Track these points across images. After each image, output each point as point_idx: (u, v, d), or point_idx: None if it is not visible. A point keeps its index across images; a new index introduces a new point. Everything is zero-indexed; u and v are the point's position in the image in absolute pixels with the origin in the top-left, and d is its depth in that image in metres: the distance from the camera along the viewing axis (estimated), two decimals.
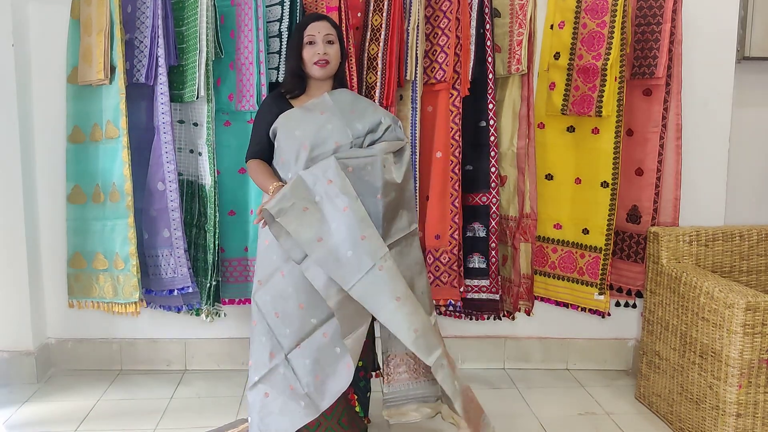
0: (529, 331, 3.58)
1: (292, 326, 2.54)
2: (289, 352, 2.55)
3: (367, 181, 2.53)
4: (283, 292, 2.56)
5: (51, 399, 3.20)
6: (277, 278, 2.57)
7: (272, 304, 2.57)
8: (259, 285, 2.62)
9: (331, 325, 2.52)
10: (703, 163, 3.34)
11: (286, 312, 2.55)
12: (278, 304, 2.56)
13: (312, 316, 2.52)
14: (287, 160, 2.61)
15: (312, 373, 2.52)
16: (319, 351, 2.52)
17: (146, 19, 3.05)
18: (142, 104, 3.16)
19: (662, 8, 3.12)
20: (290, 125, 2.63)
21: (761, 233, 3.15)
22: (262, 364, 2.59)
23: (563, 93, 3.21)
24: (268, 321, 2.58)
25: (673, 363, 2.96)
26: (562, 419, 3.06)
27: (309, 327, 2.53)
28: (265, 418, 2.57)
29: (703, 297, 2.75)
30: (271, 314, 2.57)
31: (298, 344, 2.54)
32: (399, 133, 2.71)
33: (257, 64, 3.05)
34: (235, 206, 3.23)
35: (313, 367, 2.52)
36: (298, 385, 2.54)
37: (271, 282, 2.58)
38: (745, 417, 2.63)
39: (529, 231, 3.34)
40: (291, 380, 2.55)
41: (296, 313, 2.53)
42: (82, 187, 3.24)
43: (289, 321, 2.54)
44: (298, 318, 2.53)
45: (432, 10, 3.16)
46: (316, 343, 2.52)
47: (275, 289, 2.57)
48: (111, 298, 3.21)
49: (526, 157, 3.30)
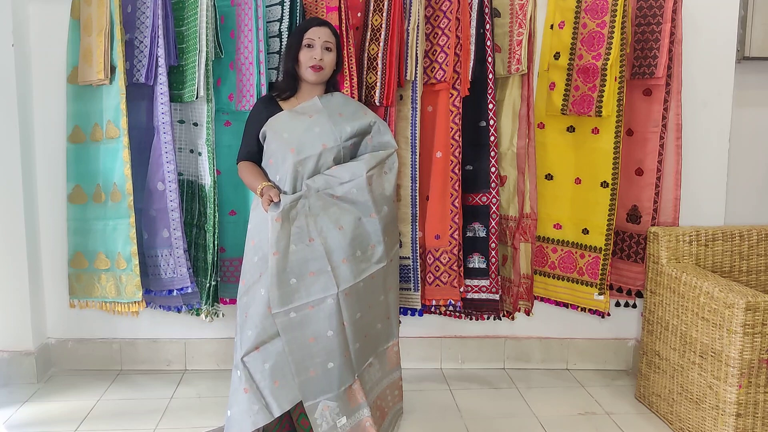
0: (529, 331, 3.58)
1: (254, 328, 2.53)
2: (246, 355, 2.53)
3: (358, 202, 2.57)
4: (255, 294, 2.57)
5: (51, 399, 3.20)
6: (255, 281, 2.59)
7: (245, 305, 2.59)
8: (243, 286, 2.63)
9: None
10: (703, 163, 3.34)
11: (252, 314, 2.55)
12: (249, 305, 2.57)
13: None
14: (276, 162, 2.65)
15: (271, 377, 2.52)
16: (279, 356, 2.52)
17: (146, 19, 3.05)
18: (142, 104, 3.16)
19: (662, 8, 3.12)
20: (278, 128, 2.67)
21: (761, 233, 3.15)
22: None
23: (563, 93, 3.21)
24: (238, 321, 2.60)
25: (673, 363, 2.96)
26: (562, 419, 3.06)
27: (272, 331, 2.52)
28: (231, 418, 2.58)
29: (703, 297, 2.75)
30: (242, 314, 2.59)
31: (258, 347, 2.53)
32: (387, 137, 2.75)
33: (257, 64, 3.05)
34: (235, 206, 3.23)
35: (271, 372, 2.52)
36: (254, 387, 2.52)
37: (252, 285, 2.60)
38: (745, 417, 2.63)
39: (529, 231, 3.34)
40: (245, 383, 2.53)
41: (262, 315, 2.52)
42: (82, 187, 3.24)
43: (252, 323, 2.54)
44: (262, 321, 2.52)
45: (432, 10, 3.16)
46: (277, 348, 2.52)
47: (252, 291, 2.59)
48: (113, 298, 3.21)
49: (526, 157, 3.30)
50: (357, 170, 2.62)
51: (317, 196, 2.56)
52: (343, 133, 2.66)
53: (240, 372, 2.54)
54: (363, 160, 2.66)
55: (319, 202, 2.56)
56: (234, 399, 2.57)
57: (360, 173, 2.61)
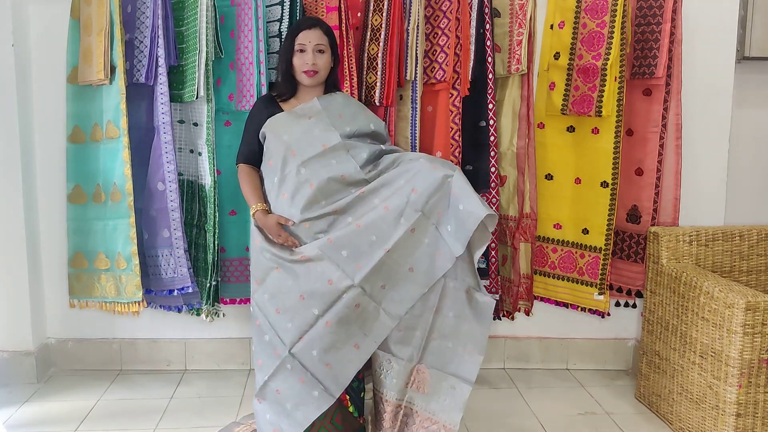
0: (529, 331, 3.58)
1: (293, 320, 2.54)
2: (292, 347, 2.54)
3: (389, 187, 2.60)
4: (281, 287, 2.57)
5: (51, 399, 3.20)
6: (273, 276, 2.59)
7: (271, 302, 2.58)
8: (257, 285, 2.63)
9: (332, 313, 2.52)
10: (703, 163, 3.34)
11: (286, 306, 2.55)
12: (278, 300, 2.57)
13: (313, 306, 2.52)
14: (275, 164, 2.65)
15: (321, 362, 2.53)
16: (324, 340, 2.53)
17: (146, 19, 3.05)
18: (142, 104, 3.16)
19: (662, 8, 3.12)
20: (278, 130, 2.67)
21: (761, 233, 3.15)
22: (268, 363, 2.59)
23: (563, 93, 3.21)
24: (270, 319, 2.58)
25: (673, 363, 2.96)
26: (562, 419, 3.06)
27: (311, 318, 2.53)
28: (276, 422, 2.58)
29: (703, 297, 2.75)
30: (272, 312, 2.58)
31: (301, 337, 2.53)
32: (385, 138, 2.78)
33: (257, 64, 3.05)
34: (235, 206, 3.23)
35: (321, 356, 2.53)
36: (308, 376, 2.54)
37: (267, 280, 2.60)
38: (745, 417, 2.63)
39: (529, 231, 3.34)
40: (300, 373, 2.54)
41: (297, 305, 2.53)
42: (82, 187, 3.24)
43: (290, 315, 2.54)
44: (300, 310, 2.53)
45: (432, 10, 3.16)
46: (320, 332, 2.53)
47: (273, 286, 2.58)
48: (114, 298, 3.21)
49: (525, 157, 3.30)
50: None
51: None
52: (342, 133, 2.65)
53: (290, 365, 2.55)
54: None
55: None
56: (283, 395, 2.57)
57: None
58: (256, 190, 2.70)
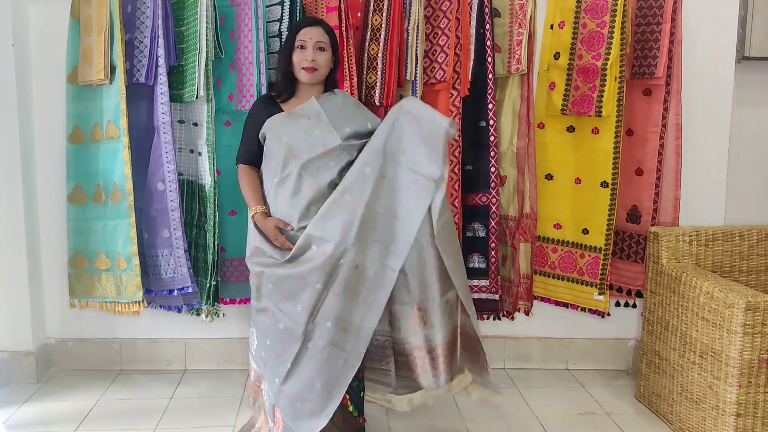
0: (529, 331, 3.58)
1: (303, 302, 2.53)
2: (307, 326, 2.53)
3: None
4: (281, 274, 2.57)
5: (51, 399, 3.20)
6: (271, 267, 2.60)
7: (276, 290, 2.58)
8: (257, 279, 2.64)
9: (337, 283, 2.51)
10: (703, 163, 3.34)
11: (292, 290, 2.55)
12: (282, 286, 2.57)
13: (316, 281, 2.51)
14: (275, 165, 2.65)
15: (338, 327, 2.52)
16: (335, 308, 2.52)
17: (146, 19, 3.05)
18: (142, 104, 3.16)
19: (662, 8, 3.12)
20: (277, 130, 2.67)
21: (761, 233, 3.15)
22: (288, 350, 2.56)
23: (563, 93, 3.21)
24: (280, 307, 2.58)
25: (673, 363, 2.96)
26: (562, 419, 3.06)
27: (316, 293, 2.52)
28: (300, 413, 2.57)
29: (703, 297, 2.75)
30: (280, 299, 2.57)
31: (313, 314, 2.53)
32: None
33: (257, 64, 3.05)
34: (235, 206, 3.23)
35: (336, 324, 2.52)
36: (330, 348, 2.52)
37: (267, 271, 2.61)
38: (745, 417, 2.63)
39: (529, 231, 3.34)
40: (321, 348, 2.53)
41: (301, 285, 2.53)
42: (82, 187, 3.24)
43: (297, 298, 2.54)
44: (305, 290, 2.52)
45: (432, 10, 3.16)
46: (330, 304, 2.52)
47: (274, 275, 2.59)
48: (114, 298, 3.21)
49: (525, 157, 3.30)
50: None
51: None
52: (342, 135, 2.64)
53: (310, 344, 2.54)
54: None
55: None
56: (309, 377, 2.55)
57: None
58: (256, 192, 2.70)
